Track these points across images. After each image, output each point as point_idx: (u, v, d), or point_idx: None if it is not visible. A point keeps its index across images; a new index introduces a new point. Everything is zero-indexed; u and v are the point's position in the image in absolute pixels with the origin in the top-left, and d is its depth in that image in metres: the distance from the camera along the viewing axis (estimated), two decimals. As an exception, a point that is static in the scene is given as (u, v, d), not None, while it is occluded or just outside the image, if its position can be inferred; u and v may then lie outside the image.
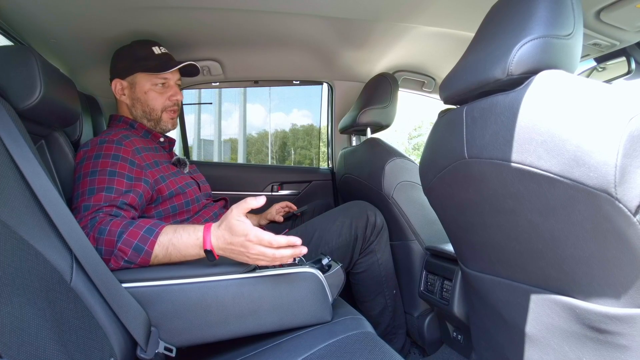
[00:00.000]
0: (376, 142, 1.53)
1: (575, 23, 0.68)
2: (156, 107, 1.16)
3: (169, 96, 1.17)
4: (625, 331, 0.62)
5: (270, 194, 1.95)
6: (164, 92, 1.17)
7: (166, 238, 0.79)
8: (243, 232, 0.74)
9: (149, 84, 1.15)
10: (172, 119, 1.20)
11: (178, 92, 1.20)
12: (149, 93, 1.15)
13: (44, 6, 1.04)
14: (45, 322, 0.51)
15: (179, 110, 1.23)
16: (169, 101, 1.17)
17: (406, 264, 1.41)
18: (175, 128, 1.24)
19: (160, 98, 1.16)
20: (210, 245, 0.77)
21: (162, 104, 1.16)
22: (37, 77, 0.80)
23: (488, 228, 0.80)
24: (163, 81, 1.16)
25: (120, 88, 1.16)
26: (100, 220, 0.81)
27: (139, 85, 1.15)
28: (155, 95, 1.15)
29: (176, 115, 1.22)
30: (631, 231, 0.55)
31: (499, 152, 0.69)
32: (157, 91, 1.15)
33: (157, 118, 1.17)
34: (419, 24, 1.37)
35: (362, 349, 0.74)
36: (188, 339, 0.77)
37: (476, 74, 0.74)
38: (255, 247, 0.74)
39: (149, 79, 1.15)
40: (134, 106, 1.16)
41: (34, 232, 0.60)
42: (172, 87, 1.19)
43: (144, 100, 1.15)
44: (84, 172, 0.92)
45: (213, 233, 0.78)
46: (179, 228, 0.81)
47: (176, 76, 1.20)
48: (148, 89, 1.15)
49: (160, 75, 1.15)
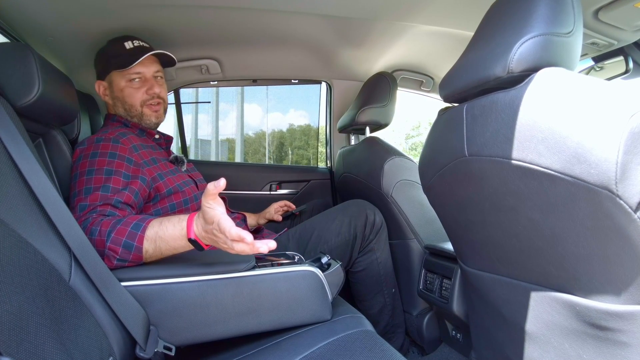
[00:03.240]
0: (375, 141, 1.53)
1: (575, 21, 0.68)
2: (134, 103, 1.13)
3: (145, 90, 1.14)
4: (625, 328, 0.62)
5: (269, 193, 1.94)
6: (140, 87, 1.14)
7: (152, 231, 0.77)
8: (212, 220, 0.70)
9: (124, 80, 1.13)
10: (156, 111, 1.17)
11: (155, 84, 1.16)
12: (125, 90, 1.13)
13: (42, 4, 1.03)
14: (44, 320, 0.51)
15: (163, 103, 1.20)
16: (146, 95, 1.14)
17: (405, 262, 1.41)
18: (161, 121, 1.20)
19: (136, 93, 1.13)
20: (194, 234, 0.75)
21: (139, 99, 1.14)
22: (35, 75, 0.79)
23: (488, 226, 0.80)
24: (137, 76, 1.13)
25: (102, 89, 1.16)
26: (92, 222, 0.80)
27: (115, 83, 1.13)
28: (131, 91, 1.13)
29: (160, 107, 1.18)
30: (632, 228, 0.55)
31: (500, 150, 0.69)
32: (133, 87, 1.13)
33: (139, 113, 1.14)
34: (417, 22, 1.37)
35: (362, 347, 0.74)
36: (187, 337, 0.77)
37: (476, 71, 0.74)
38: (221, 235, 0.70)
39: (122, 76, 1.13)
40: (115, 105, 1.15)
41: (32, 230, 0.60)
42: (149, 80, 1.15)
43: (122, 98, 1.13)
44: (80, 171, 0.92)
45: (195, 221, 0.75)
46: (164, 220, 0.79)
47: (152, 69, 1.16)
48: (123, 85, 1.13)
49: (132, 70, 1.12)
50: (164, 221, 0.78)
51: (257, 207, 1.58)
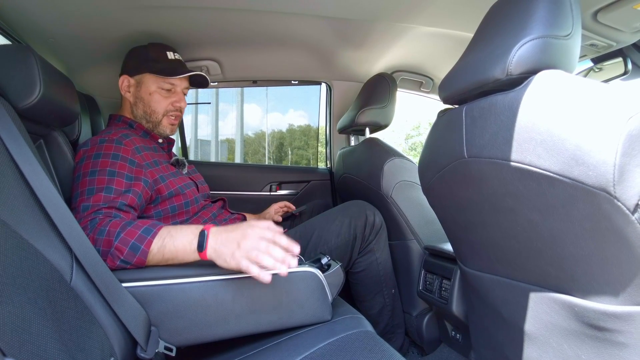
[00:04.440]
0: (375, 142, 1.53)
1: (574, 23, 0.68)
2: (158, 110, 1.16)
3: (172, 101, 1.17)
4: (623, 329, 0.62)
5: (269, 194, 1.95)
6: (168, 97, 1.16)
7: (165, 231, 0.79)
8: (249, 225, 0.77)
9: (155, 85, 1.14)
10: (172, 125, 1.20)
11: (182, 99, 1.19)
12: (153, 95, 1.14)
13: (43, 5, 1.03)
14: (46, 321, 0.51)
15: (180, 118, 1.22)
16: (171, 106, 1.17)
17: (405, 263, 1.41)
18: (173, 134, 1.24)
19: (163, 102, 1.16)
20: (208, 229, 0.78)
21: (164, 108, 1.16)
22: (36, 76, 0.79)
23: (487, 227, 0.81)
24: (170, 86, 1.16)
25: (126, 85, 1.16)
26: (100, 222, 0.80)
27: (145, 85, 1.14)
28: (159, 98, 1.15)
29: (177, 122, 1.21)
30: (630, 229, 0.55)
31: (499, 152, 0.69)
32: (162, 94, 1.15)
33: (157, 121, 1.16)
34: (417, 24, 1.37)
35: (362, 348, 0.74)
36: (188, 338, 0.77)
37: (476, 73, 0.74)
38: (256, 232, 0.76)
39: (156, 81, 1.14)
40: (136, 105, 1.16)
41: (33, 231, 0.60)
42: (178, 94, 1.18)
43: (147, 101, 1.15)
44: (83, 172, 0.92)
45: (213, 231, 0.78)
46: (178, 226, 0.81)
47: (184, 84, 1.19)
48: (153, 90, 1.14)
49: (168, 80, 1.15)
50: (178, 226, 0.81)
51: (257, 207, 1.59)
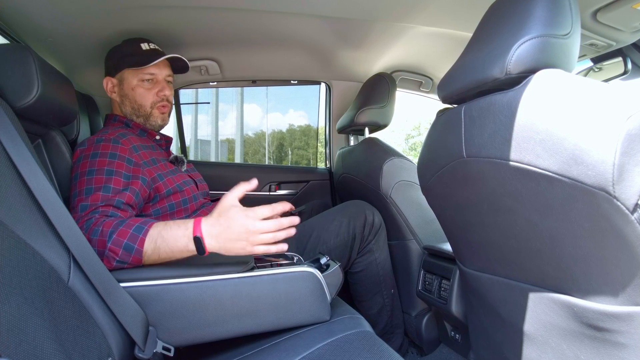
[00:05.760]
0: (374, 142, 1.53)
1: (573, 23, 0.68)
2: (144, 103, 1.14)
3: (156, 92, 1.16)
4: (623, 329, 0.62)
5: (268, 194, 1.94)
6: (151, 88, 1.15)
7: (155, 231, 0.78)
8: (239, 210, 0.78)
9: (136, 79, 1.13)
10: (163, 114, 1.18)
11: (166, 87, 1.18)
12: (136, 89, 1.13)
13: (41, 5, 1.03)
14: (43, 321, 0.51)
15: (169, 106, 1.21)
16: (157, 97, 1.16)
17: (404, 263, 1.41)
18: (165, 124, 1.22)
19: (147, 94, 1.14)
20: (200, 232, 0.75)
21: (150, 100, 1.15)
22: (34, 76, 0.79)
23: (486, 227, 0.81)
24: (150, 77, 1.14)
25: (111, 86, 1.16)
26: (95, 222, 0.80)
27: (126, 81, 1.14)
28: (142, 91, 1.14)
29: (167, 110, 1.20)
30: (629, 229, 0.55)
31: (497, 151, 0.69)
32: (144, 87, 1.14)
33: (147, 114, 1.15)
34: (416, 24, 1.37)
35: (360, 348, 0.74)
36: (186, 338, 0.77)
37: (474, 73, 0.74)
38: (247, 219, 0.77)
39: (135, 75, 1.13)
40: (123, 103, 1.15)
41: (31, 231, 0.60)
42: (160, 82, 1.17)
43: (132, 97, 1.14)
44: (81, 172, 0.92)
45: (204, 221, 0.76)
46: (169, 222, 0.80)
47: (165, 72, 1.18)
48: (135, 84, 1.13)
49: (146, 70, 1.13)
50: (168, 223, 0.79)
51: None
